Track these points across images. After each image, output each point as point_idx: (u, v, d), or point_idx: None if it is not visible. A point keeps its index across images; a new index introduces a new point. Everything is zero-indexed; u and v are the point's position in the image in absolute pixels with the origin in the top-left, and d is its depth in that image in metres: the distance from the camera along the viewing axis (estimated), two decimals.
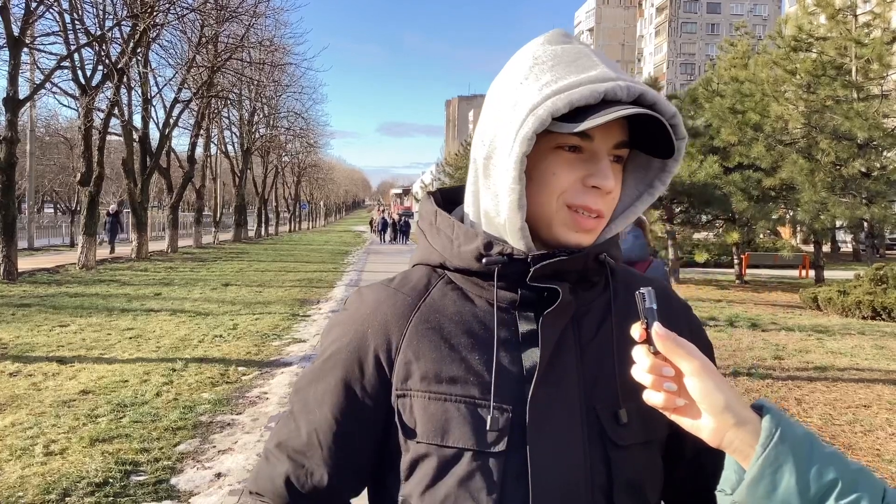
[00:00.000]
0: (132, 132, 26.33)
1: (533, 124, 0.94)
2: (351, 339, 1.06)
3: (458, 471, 0.97)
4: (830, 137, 16.52)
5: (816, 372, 8.99)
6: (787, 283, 23.01)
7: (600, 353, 1.03)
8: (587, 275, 1.05)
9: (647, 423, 1.02)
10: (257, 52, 34.92)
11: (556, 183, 0.99)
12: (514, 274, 1.01)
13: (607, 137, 0.99)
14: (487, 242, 1.02)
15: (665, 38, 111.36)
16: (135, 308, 13.59)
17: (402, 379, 1.02)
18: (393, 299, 1.07)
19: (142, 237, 26.02)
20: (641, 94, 0.96)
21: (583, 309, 1.05)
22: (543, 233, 1.02)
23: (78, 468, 5.16)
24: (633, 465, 1.01)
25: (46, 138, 48.89)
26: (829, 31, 17.34)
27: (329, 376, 1.06)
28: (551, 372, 0.99)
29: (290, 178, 73.81)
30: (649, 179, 1.10)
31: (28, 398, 7.06)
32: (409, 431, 1.01)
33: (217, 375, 8.20)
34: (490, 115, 1.03)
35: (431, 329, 1.03)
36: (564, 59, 1.00)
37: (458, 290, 1.07)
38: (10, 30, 17.15)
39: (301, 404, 1.09)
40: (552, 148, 0.99)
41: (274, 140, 51.75)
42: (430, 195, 1.17)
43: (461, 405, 0.99)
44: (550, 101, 0.94)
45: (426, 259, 1.11)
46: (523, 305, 1.03)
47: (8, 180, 17.17)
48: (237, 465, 5.43)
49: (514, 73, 1.02)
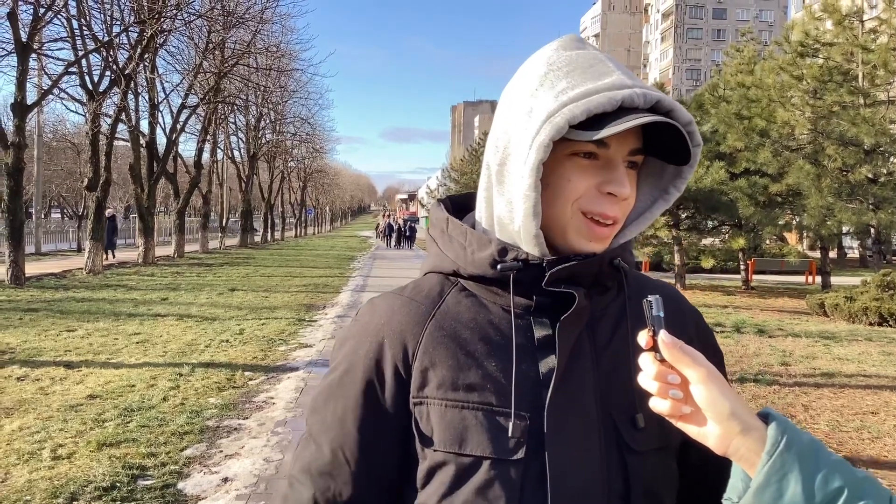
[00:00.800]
0: (139, 137, 26.42)
1: (550, 132, 0.94)
2: (368, 351, 1.05)
3: (477, 479, 0.96)
4: (837, 143, 16.49)
5: (823, 378, 8.96)
6: (793, 289, 22.95)
7: (616, 358, 1.03)
8: (602, 279, 1.05)
9: (663, 428, 1.01)
10: (264, 57, 34.97)
11: (571, 190, 0.99)
12: (529, 280, 1.01)
13: (623, 144, 0.99)
14: (502, 249, 1.02)
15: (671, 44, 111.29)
16: (142, 313, 13.61)
17: (418, 386, 1.01)
18: (407, 307, 1.06)
19: (148, 242, 26.07)
20: (658, 101, 0.96)
21: (597, 314, 1.05)
22: (557, 240, 1.02)
23: (85, 472, 5.17)
24: (650, 471, 1.00)
25: (54, 143, 49.05)
26: (836, 37, 17.31)
27: (348, 390, 1.05)
28: (568, 378, 0.99)
29: (296, 184, 73.87)
30: (664, 185, 1.10)
31: (35, 402, 7.08)
32: (426, 439, 1.00)
33: (224, 380, 8.21)
34: (504, 121, 1.03)
35: (447, 336, 1.02)
36: (580, 65, 0.99)
37: (473, 297, 1.06)
38: (19, 35, 17.23)
39: (320, 424, 1.07)
40: (567, 155, 0.99)
41: (280, 145, 51.79)
42: (439, 202, 1.17)
43: (479, 412, 0.98)
44: (567, 109, 0.94)
45: (438, 267, 1.10)
46: (538, 311, 1.02)
47: (15, 185, 17.24)
48: (244, 469, 5.44)
49: (529, 80, 1.01)
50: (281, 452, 5.84)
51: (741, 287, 22.19)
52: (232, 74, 31.84)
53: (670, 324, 1.11)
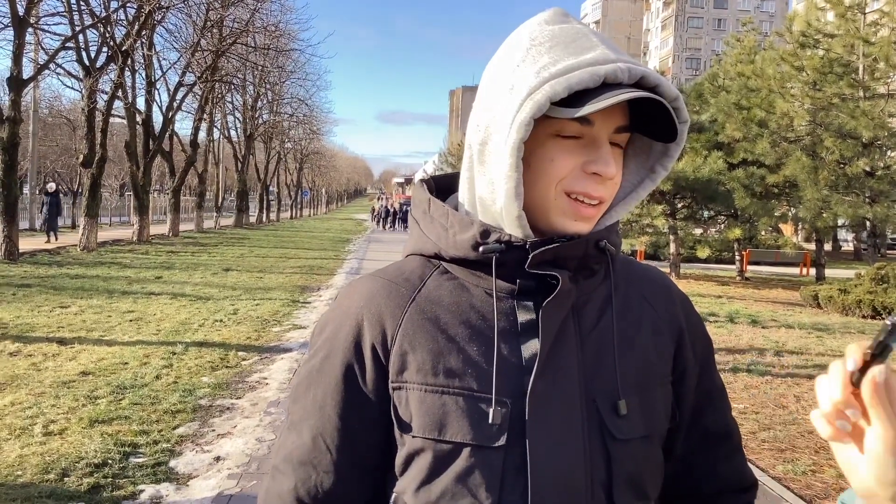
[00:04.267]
0: (135, 115, 26.29)
1: (531, 109, 0.90)
2: (347, 334, 1.01)
3: (457, 466, 0.94)
4: (835, 135, 16.48)
5: (816, 370, 8.98)
6: (787, 280, 23.02)
7: (600, 343, 1.00)
8: (587, 262, 1.01)
9: (648, 416, 1.00)
10: (262, 37, 34.82)
11: (554, 170, 0.95)
12: (512, 262, 0.98)
13: (607, 122, 0.95)
14: (484, 231, 0.98)
15: (671, 33, 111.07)
16: (135, 291, 13.59)
17: (397, 371, 0.98)
18: (387, 290, 1.03)
19: (143, 220, 26.01)
20: (643, 76, 0.93)
21: (583, 298, 1.01)
22: (541, 221, 0.98)
23: (77, 448, 5.16)
24: (633, 459, 0.98)
25: (49, 119, 48.82)
26: (838, 29, 17.27)
27: (327, 376, 1.02)
28: (551, 363, 0.96)
29: (292, 165, 73.71)
30: (651, 164, 1.06)
31: (28, 378, 7.06)
32: (405, 425, 0.97)
33: (217, 360, 8.20)
34: (486, 99, 0.99)
35: (428, 320, 0.99)
36: (562, 39, 0.95)
37: (455, 280, 1.03)
38: (16, 9, 17.08)
39: (301, 412, 1.04)
40: (550, 134, 0.95)
41: (277, 126, 51.67)
42: (422, 182, 1.13)
43: (460, 398, 0.95)
44: (549, 86, 0.90)
45: (420, 249, 1.07)
46: (522, 294, 0.99)
47: (10, 160, 17.14)
48: (236, 448, 5.44)
49: (511, 55, 0.97)
50: (273, 433, 5.83)
51: (736, 277, 22.25)
52: (230, 53, 31.73)
53: (660, 304, 1.09)
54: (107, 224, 29.12)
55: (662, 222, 19.98)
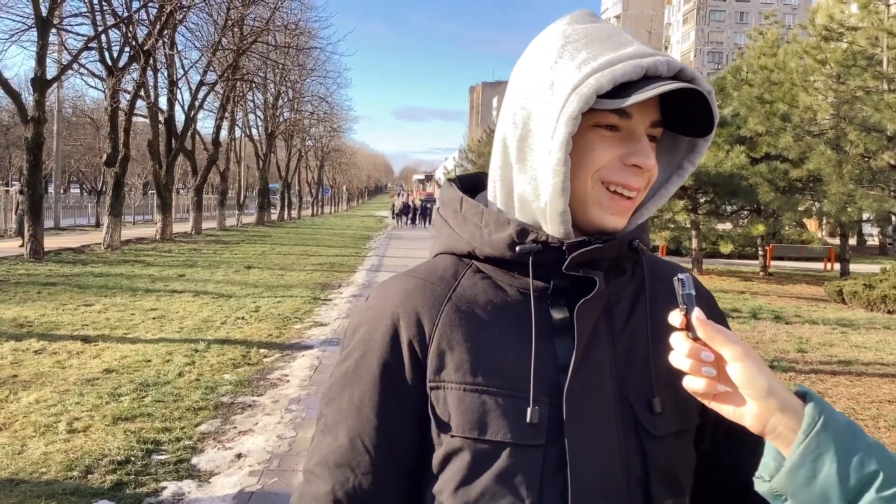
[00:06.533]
0: (158, 114, 26.52)
1: (578, 103, 0.91)
2: (383, 333, 1.01)
3: (497, 466, 0.94)
4: (859, 129, 16.24)
5: (840, 366, 8.89)
6: (811, 275, 22.77)
7: (632, 342, 1.01)
8: (620, 262, 1.03)
9: (681, 412, 1.01)
10: (283, 35, 34.94)
11: (594, 160, 0.96)
12: (547, 262, 0.99)
13: (645, 115, 0.97)
14: (521, 230, 0.99)
15: (693, 27, 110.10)
16: (158, 289, 13.71)
17: (435, 370, 0.98)
18: (422, 289, 1.03)
19: (166, 218, 26.23)
20: (680, 70, 0.94)
21: (613, 297, 1.03)
22: (578, 215, 0.99)
23: (100, 446, 5.22)
24: (668, 455, 0.99)
25: (73, 119, 49.34)
26: (861, 21, 17.03)
27: (364, 377, 1.01)
28: (586, 362, 0.97)
29: (313, 163, 74.04)
30: (678, 161, 1.08)
31: (52, 376, 7.15)
32: (444, 425, 0.97)
33: (239, 357, 8.25)
34: (521, 96, 1.00)
35: (464, 319, 1.00)
36: (597, 36, 0.97)
37: (488, 280, 1.03)
38: (39, 10, 17.27)
39: (336, 414, 1.03)
40: (590, 126, 0.96)
41: (298, 124, 51.88)
42: (451, 182, 1.14)
43: (499, 398, 0.95)
44: (594, 79, 0.92)
45: (451, 248, 1.07)
46: (556, 294, 1.00)
47: (35, 160, 17.35)
48: (257, 445, 5.47)
49: (544, 53, 0.98)
50: (294, 430, 5.86)
51: (759, 273, 22.03)
52: (251, 52, 31.86)
53: None
54: (130, 222, 29.42)
55: (684, 217, 19.83)
